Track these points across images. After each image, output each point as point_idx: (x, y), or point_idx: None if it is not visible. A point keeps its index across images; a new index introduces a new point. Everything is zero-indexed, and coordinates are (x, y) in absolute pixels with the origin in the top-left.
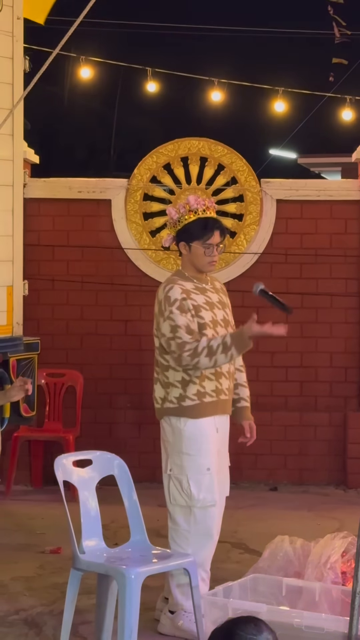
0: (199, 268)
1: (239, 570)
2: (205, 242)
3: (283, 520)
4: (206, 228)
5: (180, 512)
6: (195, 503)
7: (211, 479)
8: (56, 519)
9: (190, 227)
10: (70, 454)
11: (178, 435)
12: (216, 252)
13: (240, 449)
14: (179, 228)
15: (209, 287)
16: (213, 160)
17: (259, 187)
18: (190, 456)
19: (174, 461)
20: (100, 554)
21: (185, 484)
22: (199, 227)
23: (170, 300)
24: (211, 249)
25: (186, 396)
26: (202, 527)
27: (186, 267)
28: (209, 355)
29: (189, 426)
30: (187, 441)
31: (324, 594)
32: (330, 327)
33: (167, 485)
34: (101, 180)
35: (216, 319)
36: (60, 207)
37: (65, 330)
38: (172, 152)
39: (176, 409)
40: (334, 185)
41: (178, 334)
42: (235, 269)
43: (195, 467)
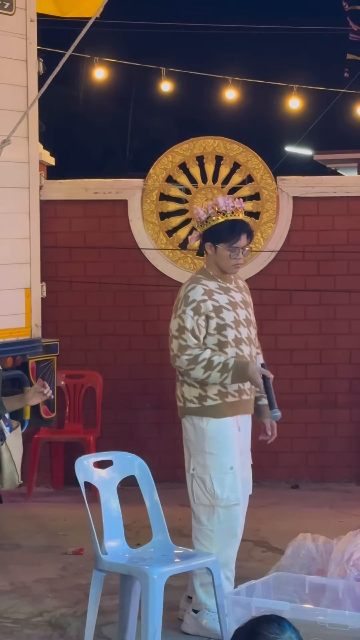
0: (223, 269)
1: (261, 569)
2: (231, 245)
3: (305, 518)
4: (234, 231)
5: (204, 512)
6: (219, 502)
7: (234, 478)
8: (78, 520)
9: (218, 229)
10: (90, 454)
11: (200, 435)
12: (242, 254)
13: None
14: (205, 228)
15: (232, 286)
16: (228, 159)
17: (275, 185)
18: (213, 455)
19: (197, 460)
20: (122, 555)
21: (208, 483)
22: (226, 229)
23: (188, 300)
24: (237, 252)
25: (207, 396)
26: (226, 526)
27: (211, 266)
28: (206, 368)
29: (211, 425)
30: (209, 440)
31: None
32: (349, 323)
33: (191, 484)
34: (117, 180)
35: (239, 319)
36: (76, 208)
37: (84, 331)
38: (188, 152)
39: (198, 408)
40: (350, 181)
41: (184, 336)
42: (253, 267)
43: (219, 466)
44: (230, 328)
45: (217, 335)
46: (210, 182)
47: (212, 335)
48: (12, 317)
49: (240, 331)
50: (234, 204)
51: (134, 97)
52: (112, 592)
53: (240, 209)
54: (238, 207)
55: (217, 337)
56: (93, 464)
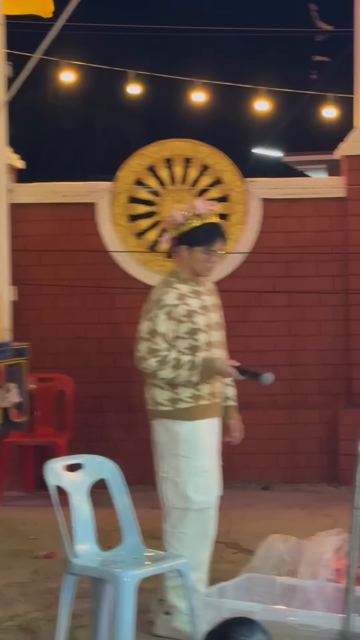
0: (197, 272)
1: (232, 570)
2: (208, 248)
3: (276, 519)
4: (211, 235)
5: (176, 515)
6: (192, 505)
7: (207, 481)
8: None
9: (196, 233)
10: (61, 458)
11: (173, 438)
12: (217, 258)
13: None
14: (182, 231)
15: (203, 289)
16: (197, 161)
17: (244, 187)
18: (187, 458)
19: (169, 463)
20: (93, 558)
21: (181, 486)
22: (204, 233)
23: (161, 303)
24: (212, 256)
25: (180, 399)
26: (199, 529)
27: (183, 269)
28: (174, 368)
29: (184, 429)
30: (183, 444)
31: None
32: (319, 324)
33: (163, 487)
34: (86, 183)
35: (210, 323)
36: (46, 211)
37: (54, 334)
38: (156, 154)
39: (170, 411)
40: (319, 182)
41: (155, 339)
42: (223, 269)
43: (192, 470)
44: (202, 332)
45: (189, 339)
46: (179, 184)
47: (184, 339)
48: None
49: (212, 335)
50: (212, 207)
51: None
52: (84, 595)
53: (215, 212)
54: (213, 210)
55: (189, 341)
56: (63, 468)
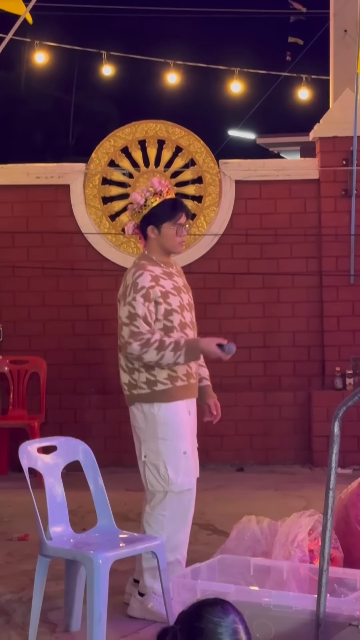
0: (169, 250)
1: (207, 552)
2: (176, 222)
3: (250, 500)
4: (175, 209)
5: (158, 498)
6: (173, 488)
7: (187, 462)
8: (23, 506)
9: (159, 210)
10: (34, 440)
11: (151, 421)
12: (185, 231)
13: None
14: (145, 212)
15: (174, 271)
16: (171, 143)
17: (217, 169)
18: (166, 441)
19: (148, 447)
20: (67, 540)
21: (162, 469)
22: (168, 208)
23: (137, 287)
24: (181, 229)
25: (157, 380)
26: (179, 511)
27: (153, 251)
28: (159, 349)
29: (162, 411)
30: (161, 426)
31: (292, 573)
32: (292, 306)
33: (143, 471)
34: (59, 165)
35: (183, 304)
36: (18, 193)
37: (27, 316)
38: (130, 136)
39: (147, 394)
40: (292, 164)
41: (136, 323)
42: (196, 251)
43: (172, 452)
44: (176, 313)
45: (163, 320)
46: (153, 166)
47: (159, 320)
48: None
49: (185, 315)
50: (167, 183)
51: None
52: (58, 577)
53: (171, 189)
54: (170, 187)
55: (164, 323)
56: (37, 450)
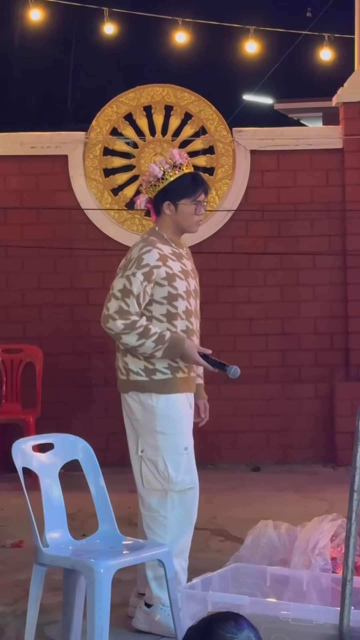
0: (185, 229)
1: (219, 560)
2: (195, 199)
3: (266, 503)
4: (197, 184)
5: (155, 497)
6: (173, 486)
7: (189, 459)
8: (17, 510)
9: (178, 184)
10: (29, 437)
11: (150, 413)
12: (203, 210)
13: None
14: (162, 186)
15: (184, 252)
16: (179, 109)
17: (230, 137)
18: (166, 435)
19: (146, 441)
20: (65, 547)
21: (161, 466)
22: (188, 183)
23: (142, 263)
24: (200, 207)
25: (156, 369)
26: (180, 512)
27: (166, 228)
28: (141, 335)
29: (161, 403)
30: (160, 419)
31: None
32: (313, 289)
33: (139, 468)
34: (56, 134)
35: (190, 290)
36: (11, 165)
37: (22, 301)
38: (134, 101)
39: (145, 383)
40: (314, 132)
41: (128, 300)
42: (207, 229)
43: (172, 447)
44: (181, 299)
45: (167, 305)
46: (160, 134)
47: (161, 304)
48: None
49: (191, 303)
50: (186, 156)
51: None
52: (55, 588)
53: (190, 162)
54: (189, 160)
55: (167, 308)
56: (32, 448)
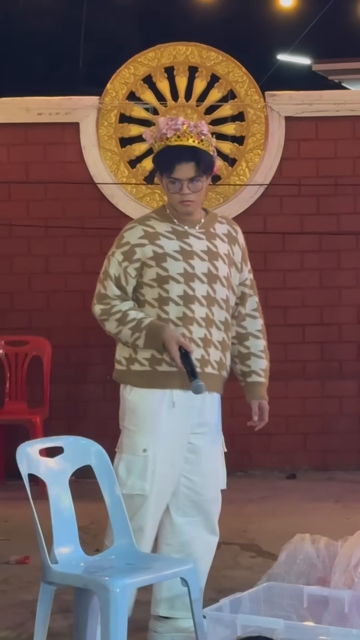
0: (173, 207)
1: (249, 578)
2: (170, 176)
3: (303, 514)
4: (166, 159)
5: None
6: (122, 488)
7: (146, 464)
8: (22, 522)
9: (157, 158)
10: (36, 440)
11: (122, 405)
12: (187, 189)
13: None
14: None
15: (196, 230)
16: (205, 70)
17: (263, 102)
18: (129, 432)
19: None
20: (76, 564)
21: (116, 463)
22: (162, 157)
23: (121, 241)
24: (177, 185)
25: (136, 359)
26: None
27: (169, 203)
28: (119, 322)
29: (133, 396)
30: (129, 413)
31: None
32: (356, 273)
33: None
34: (66, 99)
35: (192, 272)
36: (16, 133)
37: (28, 287)
38: (154, 61)
39: (123, 372)
40: (357, 96)
41: (106, 283)
42: (237, 205)
43: (131, 446)
44: (174, 282)
45: (157, 288)
46: (183, 99)
47: (152, 287)
48: None
49: (194, 287)
50: (182, 126)
51: None
52: (65, 609)
53: (191, 133)
54: (188, 130)
55: (158, 291)
56: (39, 452)
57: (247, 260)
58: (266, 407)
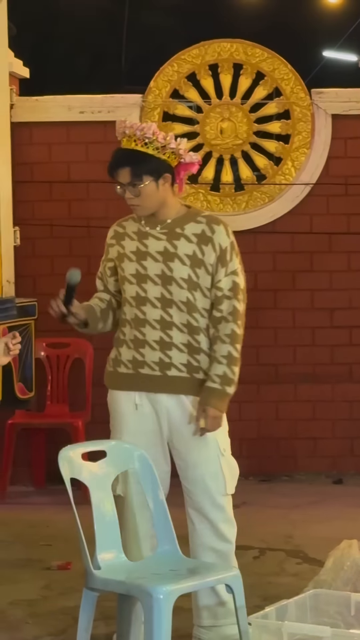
0: None
1: (295, 585)
2: (115, 179)
3: (350, 520)
4: (111, 163)
5: None
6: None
7: None
8: (64, 527)
9: None
10: (78, 444)
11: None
12: (128, 193)
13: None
14: None
15: (157, 231)
16: (250, 68)
17: (309, 100)
18: (111, 431)
19: None
20: (119, 570)
21: None
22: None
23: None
24: (122, 190)
25: (110, 358)
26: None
27: None
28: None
29: (108, 396)
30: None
31: None
32: None
33: None
34: (109, 96)
35: (144, 273)
36: (57, 132)
37: None
38: (198, 59)
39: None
40: None
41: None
42: (282, 205)
43: None
44: (128, 283)
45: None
46: (227, 97)
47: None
48: None
49: (147, 288)
50: (128, 130)
51: None
52: (108, 616)
53: (134, 137)
54: (132, 134)
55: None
56: (81, 456)
57: (226, 262)
58: (212, 415)
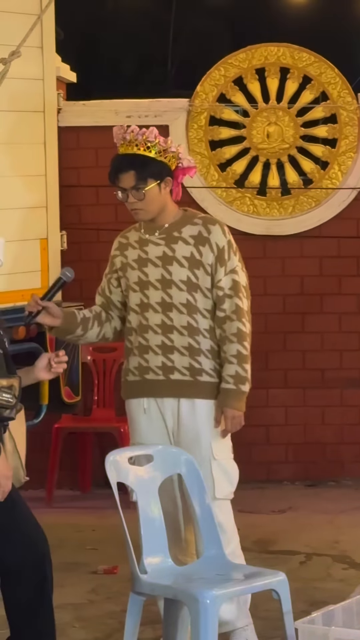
0: None
1: (342, 590)
2: (117, 185)
3: None
4: (112, 169)
5: None
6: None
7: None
8: (111, 531)
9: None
10: (125, 448)
11: None
12: (131, 197)
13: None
14: None
15: (155, 237)
16: (297, 72)
17: (356, 104)
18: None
19: None
20: (166, 574)
21: None
22: (110, 167)
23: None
24: (124, 195)
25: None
26: None
27: None
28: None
29: (125, 405)
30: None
31: None
32: None
33: None
34: (155, 101)
35: (146, 279)
36: (104, 136)
37: None
38: (245, 63)
39: None
40: None
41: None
42: (328, 210)
43: None
44: (132, 290)
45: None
46: (274, 101)
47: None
48: (24, 276)
49: (149, 294)
50: (128, 134)
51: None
52: (154, 620)
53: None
54: (133, 138)
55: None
56: (128, 460)
57: (224, 261)
58: (230, 415)
